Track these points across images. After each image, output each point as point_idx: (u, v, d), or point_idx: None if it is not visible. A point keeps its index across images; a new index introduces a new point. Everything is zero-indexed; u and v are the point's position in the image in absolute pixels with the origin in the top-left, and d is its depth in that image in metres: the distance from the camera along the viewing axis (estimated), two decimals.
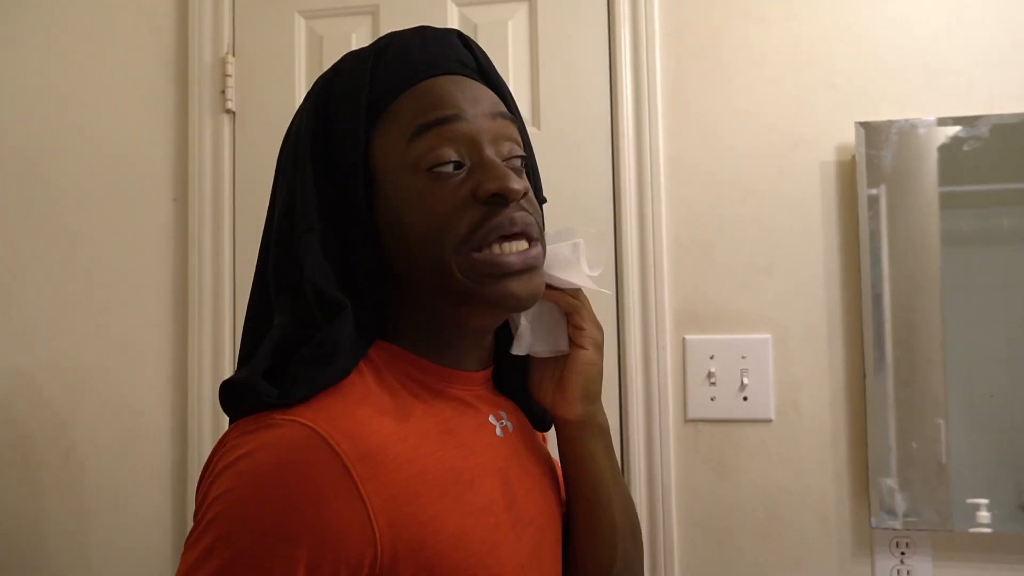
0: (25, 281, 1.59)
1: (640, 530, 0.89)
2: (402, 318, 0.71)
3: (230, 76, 1.53)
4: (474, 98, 0.70)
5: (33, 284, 1.59)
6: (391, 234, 0.68)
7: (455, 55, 0.72)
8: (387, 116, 0.69)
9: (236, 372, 0.68)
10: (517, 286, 0.68)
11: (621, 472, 0.86)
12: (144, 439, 1.53)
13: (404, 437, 0.65)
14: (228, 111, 1.53)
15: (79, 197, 1.58)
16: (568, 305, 0.78)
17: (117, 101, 1.59)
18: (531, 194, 0.72)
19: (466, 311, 0.70)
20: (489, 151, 0.69)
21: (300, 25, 1.54)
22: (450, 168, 0.67)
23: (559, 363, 0.80)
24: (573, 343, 0.79)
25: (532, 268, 0.69)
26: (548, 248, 0.76)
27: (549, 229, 0.78)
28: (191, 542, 0.59)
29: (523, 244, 0.69)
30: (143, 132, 1.58)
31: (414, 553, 0.61)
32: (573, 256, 0.78)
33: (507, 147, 0.71)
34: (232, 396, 0.65)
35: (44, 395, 1.57)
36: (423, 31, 0.73)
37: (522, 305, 0.70)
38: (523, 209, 0.69)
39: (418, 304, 0.71)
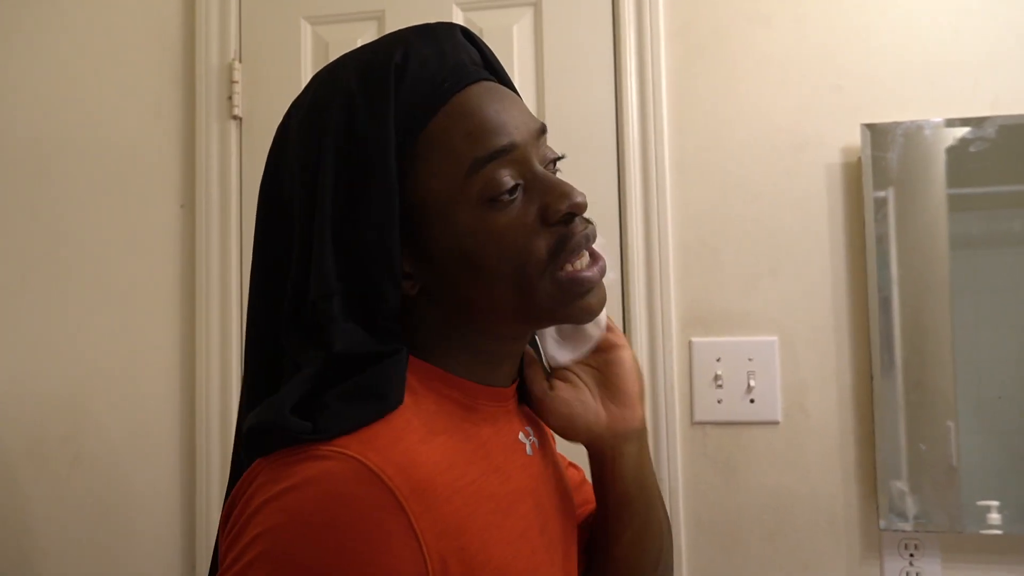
0: (33, 286, 1.60)
1: (667, 513, 0.87)
2: (434, 336, 0.68)
3: (237, 82, 1.54)
4: (515, 115, 0.67)
5: (41, 289, 1.60)
6: (455, 266, 0.65)
7: (469, 56, 0.69)
8: (424, 143, 0.64)
9: (248, 407, 0.64)
10: (594, 300, 0.68)
11: None
12: (152, 445, 1.54)
13: (450, 466, 0.61)
14: (235, 117, 1.54)
15: (87, 203, 1.59)
16: (607, 324, 0.78)
17: (124, 107, 1.60)
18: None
19: (538, 325, 0.71)
20: (538, 166, 0.67)
21: (306, 31, 1.54)
22: (507, 195, 0.64)
23: (589, 385, 0.76)
24: (611, 346, 0.77)
25: (603, 276, 0.69)
26: None
27: None
28: (225, 570, 0.55)
29: (587, 257, 0.68)
30: (150, 138, 1.58)
31: None
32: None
33: (547, 154, 0.69)
34: (257, 440, 0.60)
35: (52, 401, 1.58)
36: (432, 34, 0.68)
37: (594, 316, 0.70)
38: (586, 222, 0.68)
39: (458, 324, 0.68)
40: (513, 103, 0.68)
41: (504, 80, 0.71)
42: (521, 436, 0.73)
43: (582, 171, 1.46)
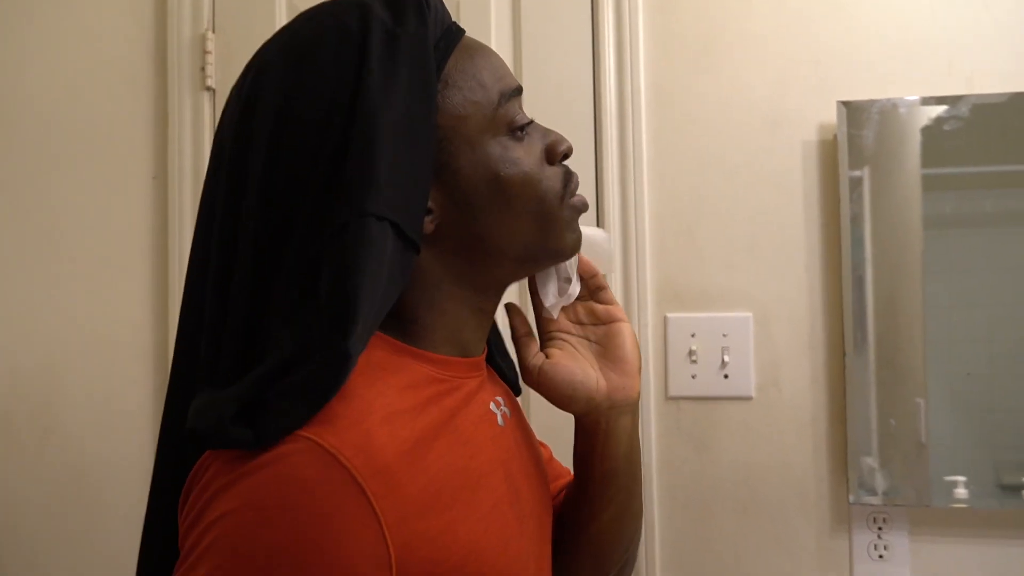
0: (2, 260, 1.57)
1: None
2: (423, 301, 0.67)
3: (210, 53, 1.52)
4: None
5: (9, 263, 1.57)
6: (473, 196, 0.67)
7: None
8: (453, 73, 0.67)
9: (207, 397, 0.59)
10: (578, 233, 0.75)
11: None
12: (122, 420, 1.52)
13: (414, 445, 0.60)
14: (208, 88, 1.52)
15: (56, 175, 1.57)
16: (600, 282, 0.80)
17: (95, 78, 1.57)
18: None
19: (531, 269, 0.75)
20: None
21: (281, 2, 1.52)
22: (523, 131, 0.70)
23: (590, 356, 0.78)
24: (612, 319, 0.79)
25: None
26: (592, 233, 0.81)
27: None
28: (184, 570, 0.54)
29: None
30: (121, 110, 1.56)
31: (431, 569, 0.57)
32: (606, 252, 0.83)
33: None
34: (199, 444, 0.57)
35: (21, 375, 1.56)
36: None
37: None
38: None
39: (456, 276, 0.68)
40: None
41: None
42: (492, 406, 0.73)
43: None
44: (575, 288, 0.78)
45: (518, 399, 0.84)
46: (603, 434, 0.77)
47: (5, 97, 1.59)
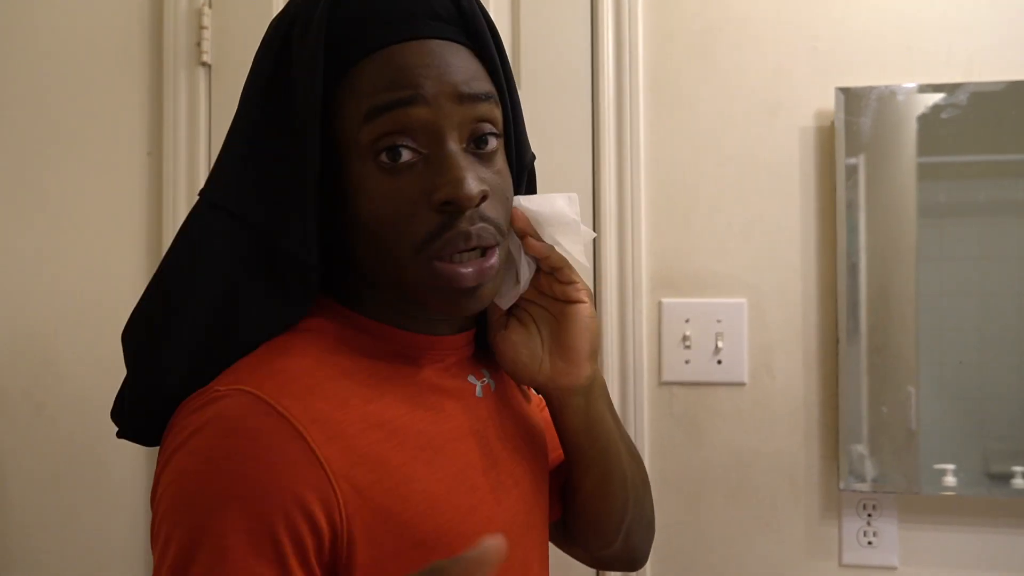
0: None
1: (643, 465, 0.88)
2: (362, 288, 0.68)
3: (206, 28, 1.50)
4: (441, 74, 0.61)
5: (3, 238, 1.56)
6: (345, 218, 0.64)
7: (431, 9, 0.63)
8: (347, 82, 0.62)
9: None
10: (470, 302, 0.64)
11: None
12: (114, 397, 1.52)
13: (368, 400, 0.62)
14: (204, 64, 1.51)
15: (51, 151, 1.55)
16: (557, 260, 0.73)
17: (90, 53, 1.55)
18: (496, 191, 0.65)
19: (425, 310, 0.67)
20: (452, 141, 0.62)
21: None
22: (405, 157, 0.61)
23: (543, 332, 0.74)
24: (568, 299, 0.73)
25: (487, 281, 0.65)
26: (549, 204, 0.72)
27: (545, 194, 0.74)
28: (153, 535, 0.57)
29: (477, 255, 0.63)
30: (117, 85, 1.54)
31: (384, 520, 0.59)
32: (573, 221, 0.73)
33: (477, 128, 0.64)
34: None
35: (15, 348, 1.55)
36: None
37: (470, 315, 0.68)
38: (482, 218, 0.63)
39: (378, 281, 0.67)
40: (447, 64, 0.62)
41: (480, 41, 0.66)
42: (471, 378, 0.73)
43: (556, 131, 1.45)
44: (525, 277, 0.73)
45: None
46: (558, 412, 0.77)
47: (0, 72, 1.58)
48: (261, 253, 0.63)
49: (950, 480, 1.29)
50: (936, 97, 1.30)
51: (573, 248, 0.73)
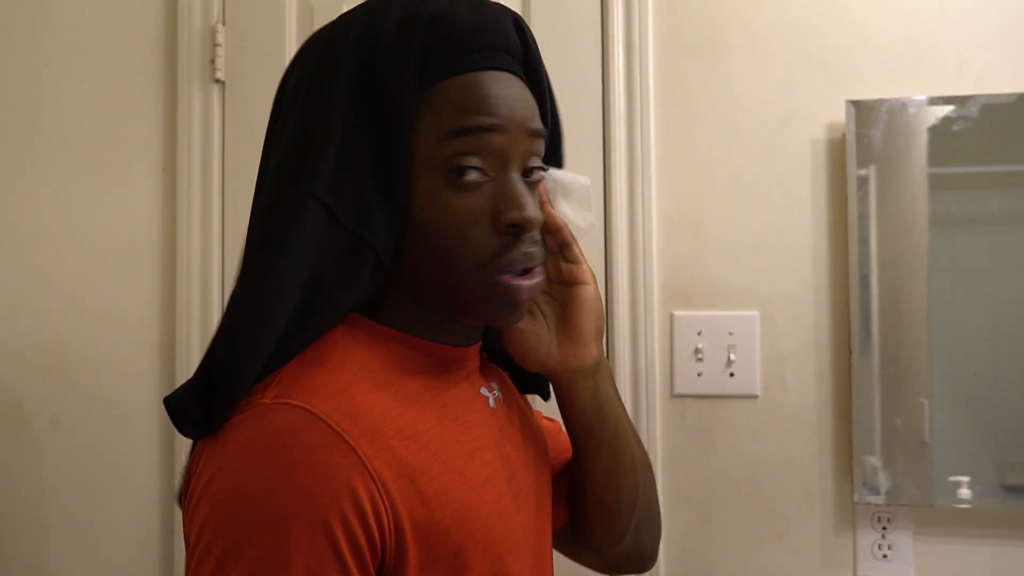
0: (12, 250, 1.58)
1: (647, 454, 0.89)
2: (389, 297, 0.69)
3: (220, 45, 1.52)
4: (516, 107, 0.67)
5: (20, 253, 1.58)
6: (408, 226, 0.66)
7: (506, 43, 0.69)
8: (426, 97, 0.65)
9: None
10: (515, 315, 0.69)
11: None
12: (131, 408, 1.53)
13: (403, 412, 0.63)
14: (218, 81, 1.52)
15: (66, 166, 1.57)
16: (567, 237, 0.76)
17: (105, 70, 1.57)
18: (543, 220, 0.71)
19: (464, 319, 0.70)
20: (514, 170, 0.67)
21: None
22: (472, 176, 0.65)
23: (548, 317, 0.77)
24: (574, 281, 0.77)
25: (533, 296, 0.70)
26: (559, 176, 0.76)
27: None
28: (199, 554, 0.56)
29: (527, 273, 0.68)
30: (131, 101, 1.56)
31: (423, 531, 0.60)
32: (583, 196, 0.77)
33: (530, 161, 0.69)
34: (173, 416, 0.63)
35: (31, 362, 1.56)
36: (481, 5, 0.69)
37: (509, 326, 0.73)
38: (534, 241, 0.68)
39: (412, 288, 0.69)
40: (520, 98, 0.68)
41: (538, 79, 0.72)
42: (484, 390, 0.75)
43: (568, 143, 1.45)
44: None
45: None
46: (566, 395, 0.79)
47: (16, 88, 1.59)
48: (346, 249, 0.64)
49: (965, 492, 1.28)
50: (947, 109, 1.31)
51: (582, 222, 0.76)
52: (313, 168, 0.64)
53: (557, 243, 0.76)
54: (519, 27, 0.72)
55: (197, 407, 0.61)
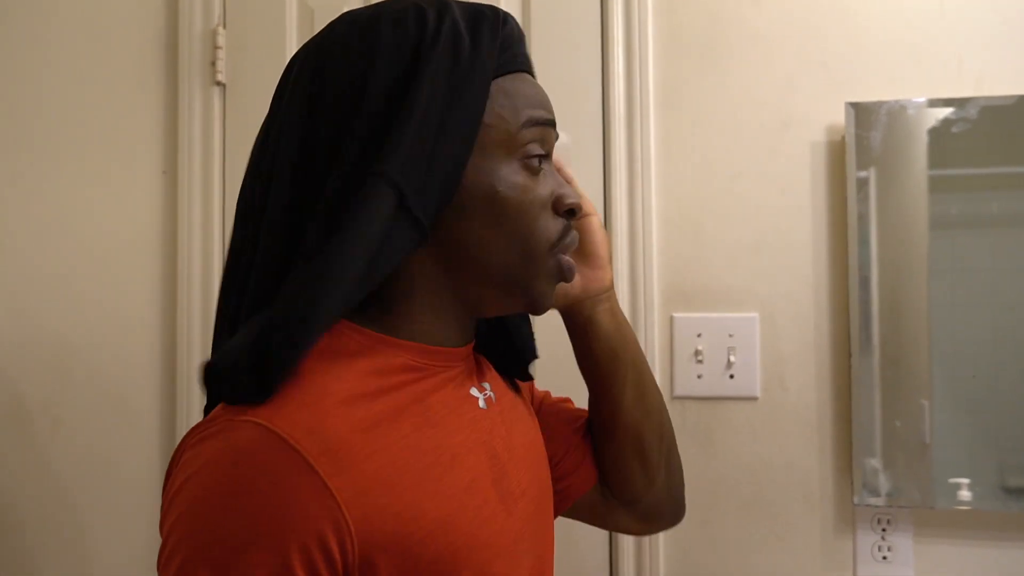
0: (14, 251, 1.58)
1: None
2: (406, 291, 0.69)
3: (220, 48, 1.52)
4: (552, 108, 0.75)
5: (22, 254, 1.58)
6: (474, 204, 0.68)
7: (531, 62, 0.76)
8: (499, 89, 0.70)
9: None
10: (554, 294, 0.75)
11: None
12: (132, 410, 1.53)
13: (375, 424, 0.63)
14: (218, 83, 1.52)
15: (67, 169, 1.57)
16: (566, 173, 0.81)
17: (106, 72, 1.57)
18: None
19: (502, 301, 0.72)
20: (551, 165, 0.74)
21: None
22: (543, 166, 0.72)
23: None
24: (583, 212, 0.83)
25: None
26: None
27: None
28: (163, 563, 0.58)
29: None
30: (132, 104, 1.56)
31: (395, 544, 0.60)
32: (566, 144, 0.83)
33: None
34: (210, 383, 0.63)
35: (33, 365, 1.56)
36: (510, 19, 0.74)
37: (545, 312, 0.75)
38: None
39: (441, 276, 0.70)
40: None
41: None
42: (473, 391, 0.75)
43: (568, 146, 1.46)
44: None
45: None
46: (588, 323, 0.85)
47: (18, 90, 1.60)
48: (403, 233, 0.65)
49: (965, 494, 1.28)
50: (946, 111, 1.31)
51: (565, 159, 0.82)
52: (382, 152, 0.64)
53: None
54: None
55: (249, 374, 0.60)
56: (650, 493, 0.91)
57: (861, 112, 1.33)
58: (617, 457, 0.88)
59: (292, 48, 1.51)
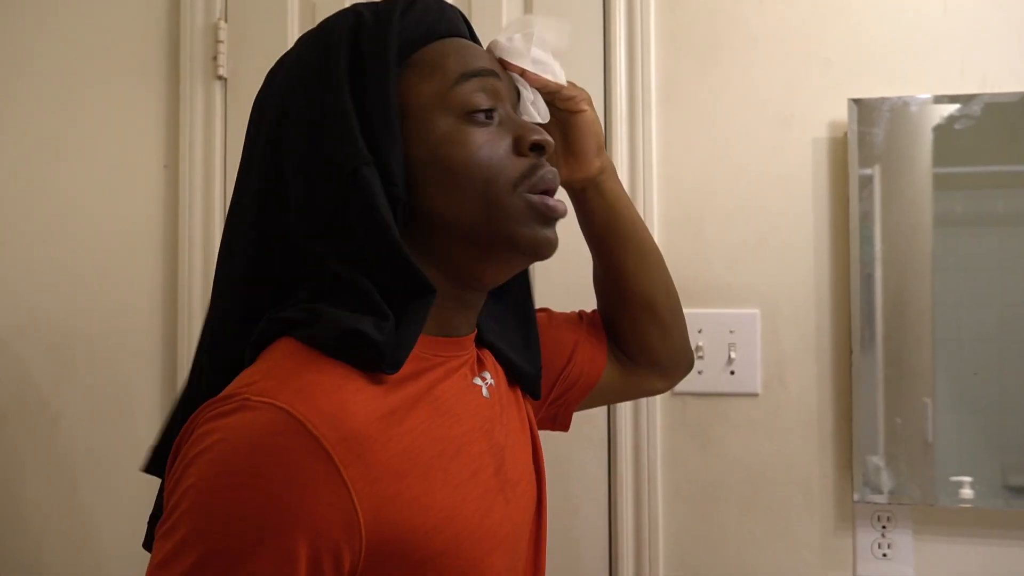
0: (15, 246, 1.58)
1: None
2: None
3: (222, 42, 1.52)
4: (494, 60, 0.76)
5: (23, 249, 1.58)
6: (425, 174, 0.69)
7: (463, 27, 0.77)
8: (417, 62, 0.71)
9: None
10: (553, 235, 0.74)
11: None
12: (131, 407, 1.54)
13: (389, 412, 0.63)
14: (220, 78, 1.52)
15: (68, 163, 1.58)
16: (553, 86, 0.82)
17: (107, 67, 1.58)
18: None
19: (492, 259, 0.72)
20: (511, 110, 0.75)
21: None
22: (484, 116, 0.71)
23: (558, 137, 0.86)
24: (570, 112, 0.86)
25: (564, 216, 0.75)
26: (519, 44, 0.81)
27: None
28: (163, 532, 0.57)
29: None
30: (133, 98, 1.56)
31: (404, 534, 0.60)
32: (544, 40, 0.83)
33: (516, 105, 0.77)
34: (339, 342, 0.63)
35: (34, 360, 1.57)
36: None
37: (550, 255, 0.74)
38: (553, 168, 0.75)
39: (424, 265, 0.70)
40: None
41: None
42: (476, 380, 0.76)
43: None
44: (543, 108, 0.81)
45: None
46: (579, 206, 0.93)
47: (19, 85, 1.60)
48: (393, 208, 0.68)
49: (967, 492, 1.28)
50: (950, 108, 1.30)
51: (557, 68, 0.84)
52: (351, 140, 0.67)
53: (548, 93, 0.83)
54: (463, 19, 0.79)
55: (378, 333, 0.63)
56: (667, 347, 0.97)
57: (864, 108, 1.32)
58: (632, 324, 0.94)
59: (293, 42, 1.50)
